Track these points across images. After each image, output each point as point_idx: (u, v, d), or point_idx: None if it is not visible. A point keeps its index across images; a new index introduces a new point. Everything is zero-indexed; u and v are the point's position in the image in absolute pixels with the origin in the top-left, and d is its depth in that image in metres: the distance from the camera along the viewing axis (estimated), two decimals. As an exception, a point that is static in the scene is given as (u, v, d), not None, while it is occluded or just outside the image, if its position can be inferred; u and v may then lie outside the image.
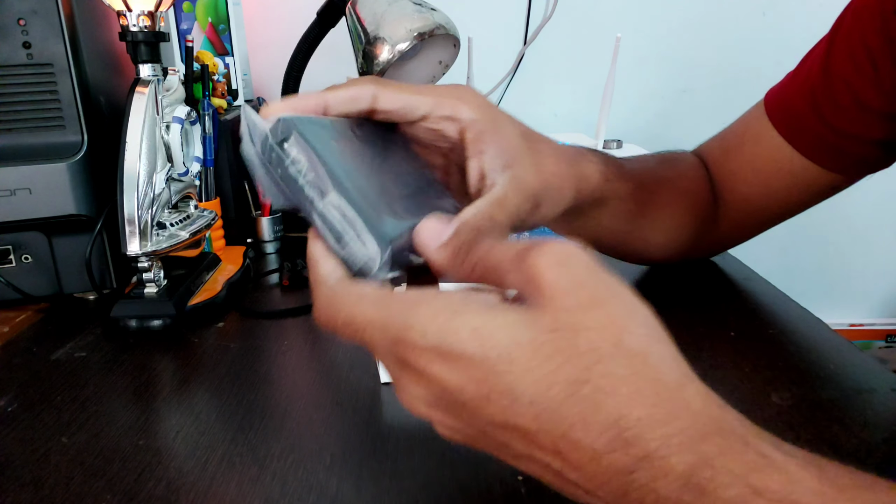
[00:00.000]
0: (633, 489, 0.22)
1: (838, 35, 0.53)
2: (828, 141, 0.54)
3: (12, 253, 0.60)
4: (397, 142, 0.35)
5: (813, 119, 0.54)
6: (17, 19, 0.56)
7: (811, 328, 0.55)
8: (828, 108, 0.53)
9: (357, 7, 0.72)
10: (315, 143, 0.28)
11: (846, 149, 0.53)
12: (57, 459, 0.40)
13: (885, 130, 0.51)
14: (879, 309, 1.24)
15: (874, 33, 0.50)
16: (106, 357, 0.53)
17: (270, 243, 0.79)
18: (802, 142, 0.55)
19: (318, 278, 0.28)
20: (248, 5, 1.00)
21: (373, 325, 0.26)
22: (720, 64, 1.10)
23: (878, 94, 0.50)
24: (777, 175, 0.57)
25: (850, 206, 1.16)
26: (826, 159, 0.55)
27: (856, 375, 0.47)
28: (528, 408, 0.23)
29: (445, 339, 0.23)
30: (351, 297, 0.27)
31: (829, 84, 0.53)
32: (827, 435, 0.40)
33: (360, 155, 0.30)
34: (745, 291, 0.64)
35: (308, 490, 0.37)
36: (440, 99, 0.35)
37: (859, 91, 0.51)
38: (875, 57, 0.50)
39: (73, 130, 0.59)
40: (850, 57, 0.51)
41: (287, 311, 0.61)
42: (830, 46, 0.53)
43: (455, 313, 0.24)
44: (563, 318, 0.23)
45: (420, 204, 0.31)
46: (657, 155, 0.63)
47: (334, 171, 0.28)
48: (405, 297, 0.25)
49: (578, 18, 1.07)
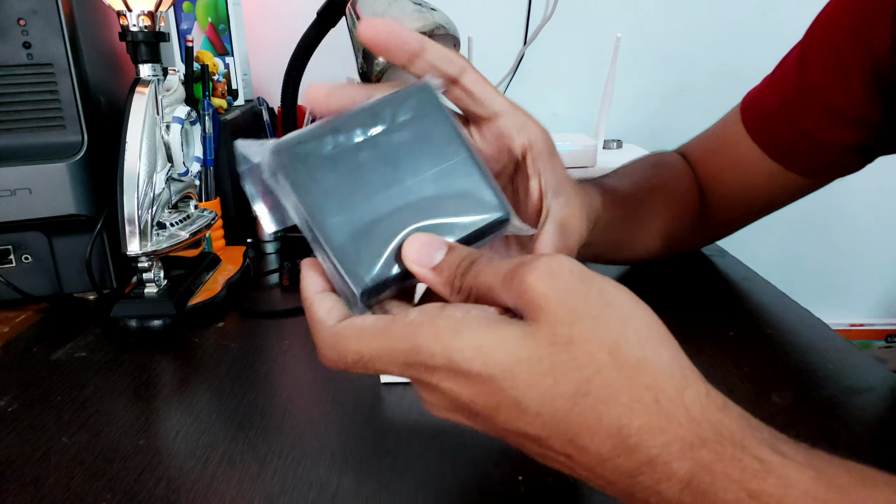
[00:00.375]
0: (638, 490, 0.23)
1: (810, 43, 0.55)
2: (799, 147, 0.56)
3: (12, 253, 0.60)
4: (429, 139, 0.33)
5: (786, 126, 0.56)
6: (17, 19, 0.56)
7: (811, 328, 0.55)
8: (801, 115, 0.55)
9: (357, 7, 0.72)
10: (302, 181, 0.28)
11: (818, 154, 0.55)
12: (57, 459, 0.40)
13: (854, 136, 0.53)
14: (879, 309, 1.24)
15: (844, 42, 0.51)
16: (106, 357, 0.53)
17: (270, 243, 0.79)
18: (775, 148, 0.57)
19: (316, 320, 0.28)
20: (248, 5, 1.00)
21: (381, 356, 0.26)
22: (720, 64, 1.10)
23: (848, 100, 0.52)
24: (753, 178, 0.59)
25: (851, 206, 1.16)
26: (798, 165, 0.57)
27: (855, 375, 0.47)
28: (535, 418, 0.24)
29: (452, 357, 0.24)
30: (353, 334, 0.27)
31: (801, 91, 0.54)
32: (827, 434, 0.40)
33: (364, 170, 0.29)
34: (745, 291, 0.64)
35: (308, 487, 0.37)
36: (515, 108, 0.35)
37: (830, 98, 0.53)
38: (845, 65, 0.51)
39: (73, 130, 0.59)
40: (820, 65, 0.53)
41: (287, 311, 0.61)
42: (803, 55, 0.55)
43: (456, 332, 0.25)
44: (559, 330, 0.24)
45: (439, 208, 0.30)
46: (647, 159, 0.65)
47: (316, 212, 0.28)
48: (406, 322, 0.26)
49: (578, 18, 1.07)
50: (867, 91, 0.51)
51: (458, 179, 0.30)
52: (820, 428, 0.41)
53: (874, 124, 0.52)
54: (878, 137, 0.53)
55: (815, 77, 0.53)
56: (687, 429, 0.23)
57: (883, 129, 0.52)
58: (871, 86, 0.51)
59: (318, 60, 0.82)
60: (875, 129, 0.53)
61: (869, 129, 0.53)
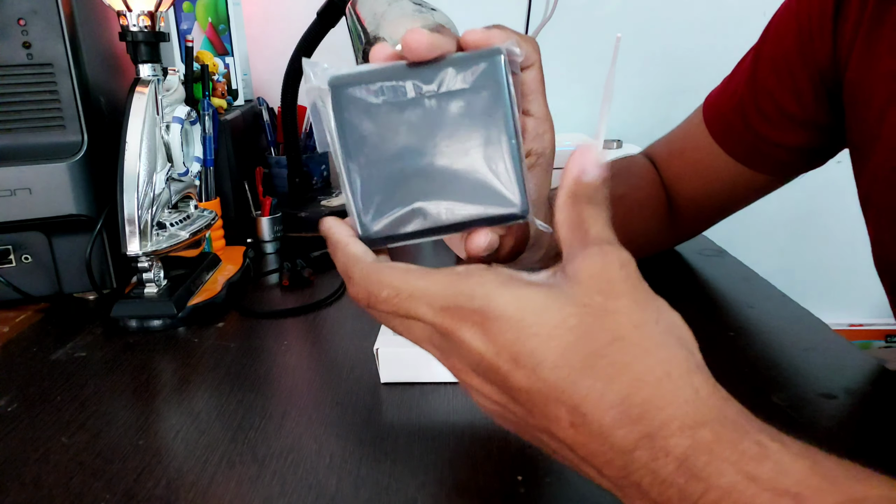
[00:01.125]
0: (633, 469, 0.23)
1: (764, 45, 0.56)
2: (756, 146, 0.57)
3: (12, 253, 0.60)
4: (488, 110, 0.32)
5: (741, 126, 0.57)
6: (17, 19, 0.56)
7: (811, 328, 0.55)
8: (753, 115, 0.56)
9: (357, 7, 0.72)
10: (346, 120, 0.30)
11: (772, 154, 0.56)
12: (57, 459, 0.40)
13: (806, 137, 0.54)
14: (879, 309, 1.24)
15: (791, 46, 0.52)
16: (106, 357, 0.53)
17: (270, 243, 0.79)
18: (734, 147, 0.58)
19: (353, 256, 0.29)
20: (248, 5, 1.00)
21: (420, 294, 0.27)
22: (720, 64, 1.09)
23: (797, 103, 0.53)
24: (716, 178, 0.60)
25: (850, 206, 1.15)
26: (757, 163, 0.58)
27: (855, 375, 0.47)
28: (550, 372, 0.24)
29: (490, 301, 0.25)
30: (397, 271, 0.28)
31: (754, 93, 0.56)
32: (826, 435, 0.40)
33: (406, 129, 0.30)
34: (745, 291, 0.64)
35: (307, 489, 0.37)
36: (547, 115, 0.36)
37: (780, 100, 0.54)
38: (793, 68, 0.52)
39: (73, 130, 0.59)
40: (772, 68, 0.54)
41: (287, 311, 0.61)
42: (757, 58, 0.56)
43: (502, 284, 0.26)
44: (595, 299, 0.25)
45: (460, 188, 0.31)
46: (613, 166, 0.64)
47: (348, 156, 0.30)
48: (454, 270, 0.27)
49: (578, 18, 1.07)
50: (815, 94, 0.52)
51: (491, 163, 0.30)
52: (819, 428, 0.41)
53: (824, 126, 0.53)
54: (828, 139, 0.54)
55: (767, 79, 0.55)
56: (692, 405, 0.23)
57: (832, 131, 0.53)
58: (819, 89, 0.52)
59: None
60: (825, 131, 0.54)
61: (819, 130, 0.54)
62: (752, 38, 0.57)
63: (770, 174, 0.58)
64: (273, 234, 0.79)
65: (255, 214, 0.79)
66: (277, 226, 0.79)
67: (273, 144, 0.96)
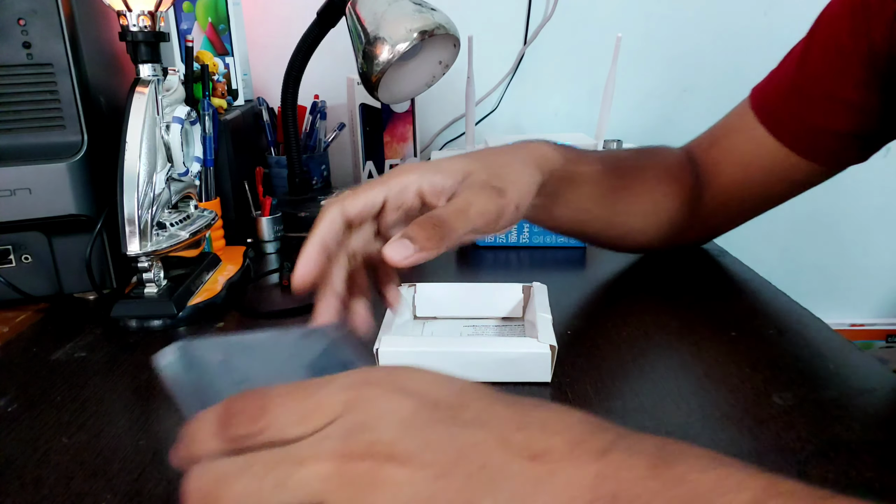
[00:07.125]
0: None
1: (815, 34, 0.57)
2: (805, 131, 0.57)
3: (12, 253, 0.60)
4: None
5: (791, 111, 0.57)
6: (17, 19, 0.56)
7: (811, 328, 0.55)
8: (804, 103, 0.56)
9: (357, 7, 0.72)
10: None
11: (821, 140, 0.57)
12: (57, 459, 0.40)
13: (855, 124, 0.55)
14: (880, 309, 1.24)
15: (845, 34, 0.53)
16: (106, 357, 0.53)
17: (270, 243, 0.79)
18: (782, 130, 0.58)
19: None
20: (248, 5, 0.99)
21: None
22: (721, 63, 1.10)
23: (848, 90, 0.54)
24: (757, 165, 0.60)
25: (852, 206, 1.16)
26: (803, 149, 0.58)
27: (856, 375, 0.47)
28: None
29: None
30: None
31: (804, 80, 0.56)
32: (827, 435, 0.40)
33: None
34: (746, 291, 0.64)
35: (308, 490, 0.37)
36: (390, 181, 0.41)
37: (831, 87, 0.54)
38: (845, 50, 0.53)
39: (73, 130, 0.59)
40: (823, 55, 0.55)
41: (287, 311, 0.61)
42: (808, 46, 0.57)
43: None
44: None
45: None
46: (637, 147, 0.66)
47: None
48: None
49: (578, 18, 1.07)
50: (867, 81, 0.52)
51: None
52: (820, 429, 0.41)
53: (874, 113, 0.54)
54: (879, 125, 0.54)
55: (818, 66, 0.55)
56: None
57: (883, 118, 0.54)
58: (871, 72, 0.52)
59: (318, 60, 0.82)
60: (875, 118, 0.54)
61: (869, 117, 0.54)
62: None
63: (815, 161, 0.58)
64: (273, 234, 0.78)
65: (255, 214, 0.79)
66: (277, 226, 0.79)
67: (273, 144, 0.96)
